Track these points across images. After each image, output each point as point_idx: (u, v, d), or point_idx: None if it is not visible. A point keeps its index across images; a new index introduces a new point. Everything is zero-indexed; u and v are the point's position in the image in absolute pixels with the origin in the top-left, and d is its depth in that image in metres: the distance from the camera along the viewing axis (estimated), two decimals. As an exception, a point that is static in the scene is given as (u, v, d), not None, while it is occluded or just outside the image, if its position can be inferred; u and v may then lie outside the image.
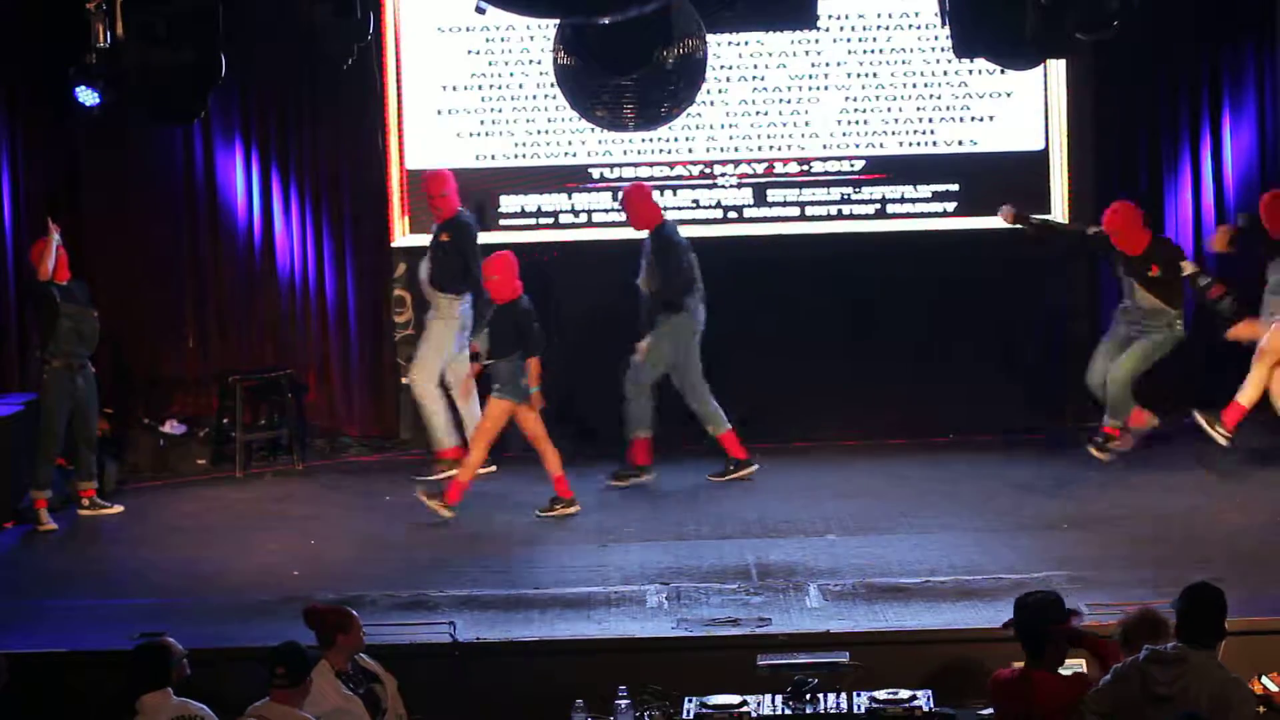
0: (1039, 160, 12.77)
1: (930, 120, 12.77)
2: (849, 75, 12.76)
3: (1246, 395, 11.31)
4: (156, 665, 7.05)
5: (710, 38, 8.17)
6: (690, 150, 12.82)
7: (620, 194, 12.18)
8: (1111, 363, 11.56)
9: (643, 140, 12.59)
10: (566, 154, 12.80)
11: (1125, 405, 11.57)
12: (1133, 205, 11.69)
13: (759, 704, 7.36)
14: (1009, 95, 12.73)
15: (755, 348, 12.71)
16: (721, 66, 12.48)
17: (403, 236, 12.90)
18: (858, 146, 12.80)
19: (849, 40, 12.74)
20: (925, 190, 12.81)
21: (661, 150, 12.78)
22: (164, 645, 7.13)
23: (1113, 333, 11.68)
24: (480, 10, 7.98)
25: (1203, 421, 11.35)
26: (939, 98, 12.76)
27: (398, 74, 12.77)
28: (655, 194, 12.75)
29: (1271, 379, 11.35)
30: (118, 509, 11.48)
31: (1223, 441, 11.28)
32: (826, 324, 12.68)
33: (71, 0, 9.15)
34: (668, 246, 11.77)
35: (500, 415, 11.07)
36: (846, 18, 12.70)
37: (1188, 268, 11.54)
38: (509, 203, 12.84)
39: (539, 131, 12.77)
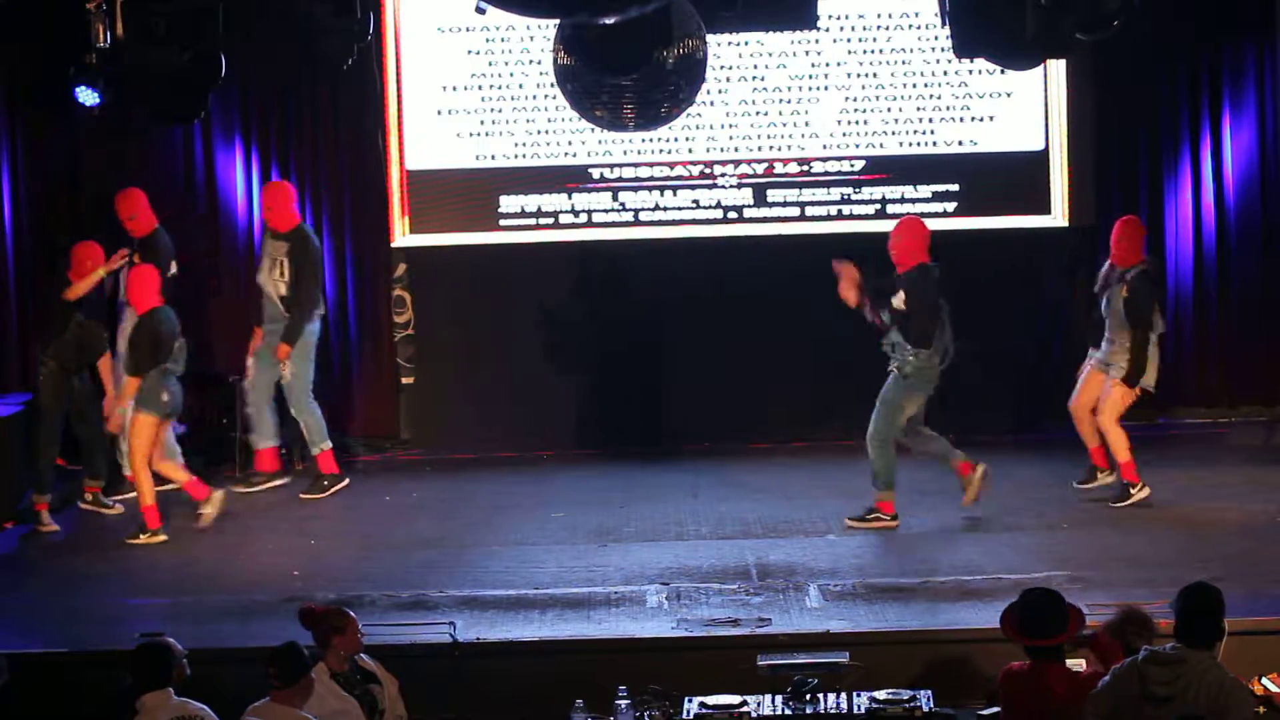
0: (1039, 160, 12.77)
1: (930, 120, 12.77)
2: (849, 75, 12.76)
3: (1119, 452, 10.88)
4: (156, 665, 7.05)
5: (710, 38, 8.16)
6: (690, 150, 12.82)
7: (264, 187, 12.18)
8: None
9: (643, 140, 12.59)
10: (566, 154, 12.79)
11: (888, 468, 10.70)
12: (915, 220, 11.15)
13: (759, 704, 7.36)
14: (1009, 95, 12.73)
15: (755, 348, 12.72)
16: (721, 66, 12.48)
17: (403, 236, 12.91)
18: (858, 146, 12.80)
19: (849, 40, 12.74)
20: (925, 190, 12.81)
21: (661, 150, 12.78)
22: (164, 645, 7.13)
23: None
24: (480, 10, 7.96)
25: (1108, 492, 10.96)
26: (939, 98, 12.76)
27: (398, 74, 12.77)
28: (655, 194, 12.81)
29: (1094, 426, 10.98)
30: (118, 509, 11.48)
31: (1142, 494, 10.82)
32: (827, 324, 12.66)
33: (71, 0, 9.15)
34: (309, 250, 11.76)
35: (145, 430, 10.82)
36: (846, 18, 12.70)
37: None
38: (509, 203, 12.84)
39: (539, 131, 12.77)
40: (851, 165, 12.81)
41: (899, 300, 10.58)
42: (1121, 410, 10.95)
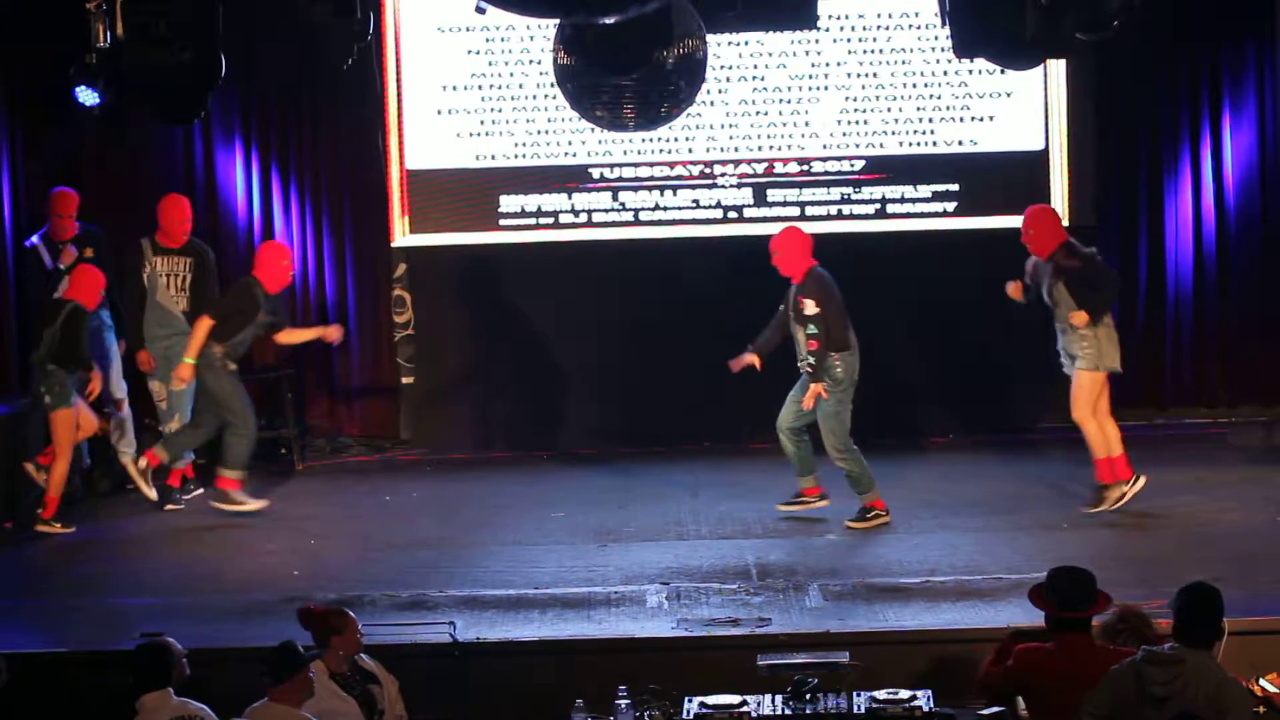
0: (1039, 160, 12.78)
1: (930, 120, 12.78)
2: (849, 75, 12.77)
3: (1108, 447, 10.64)
4: (156, 665, 7.04)
5: (710, 38, 8.17)
6: (690, 150, 12.82)
7: (164, 200, 11.78)
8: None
9: (643, 140, 12.60)
10: (566, 154, 12.80)
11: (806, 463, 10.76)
12: (796, 229, 11.00)
13: (759, 704, 7.35)
14: (1009, 95, 12.74)
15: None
16: (721, 66, 12.49)
17: (403, 236, 12.91)
18: (858, 146, 12.81)
19: (849, 40, 12.75)
20: (925, 190, 12.82)
21: (661, 150, 12.79)
22: (164, 645, 7.12)
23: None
24: (480, 10, 7.97)
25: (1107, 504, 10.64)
26: (939, 98, 12.77)
27: (398, 74, 12.78)
28: (655, 194, 12.81)
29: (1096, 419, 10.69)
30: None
31: (1131, 493, 10.60)
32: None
33: (71, 0, 9.15)
34: (208, 262, 11.77)
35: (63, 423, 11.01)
36: (846, 18, 12.71)
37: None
38: (509, 203, 12.85)
39: (539, 131, 12.78)
40: (851, 165, 12.81)
41: (812, 308, 10.49)
42: (1093, 398, 10.65)
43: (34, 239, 11.82)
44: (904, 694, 7.33)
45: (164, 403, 11.56)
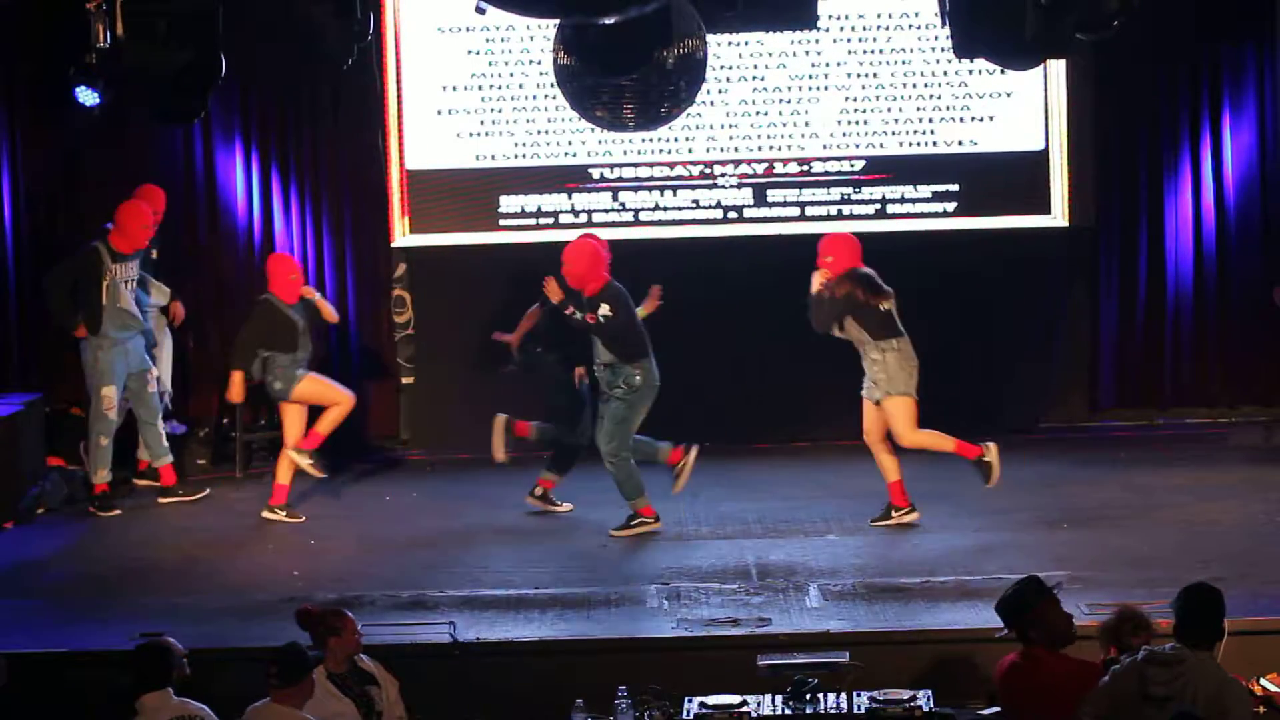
0: (1039, 160, 12.77)
1: (930, 120, 12.78)
2: (849, 75, 12.76)
3: (887, 471, 10.60)
4: (156, 665, 7.05)
5: (710, 38, 8.17)
6: (690, 150, 12.82)
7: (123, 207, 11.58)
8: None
9: (643, 140, 12.60)
10: (566, 154, 12.80)
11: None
12: (590, 241, 10.86)
13: (759, 704, 7.36)
14: (1009, 95, 12.74)
15: (755, 348, 12.72)
16: (721, 66, 12.48)
17: (403, 236, 12.91)
18: (858, 146, 12.80)
19: (849, 40, 12.75)
20: (925, 190, 12.82)
21: (661, 150, 12.78)
22: (164, 645, 7.13)
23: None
24: (480, 10, 7.96)
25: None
26: (939, 98, 12.76)
27: (398, 74, 12.77)
28: (655, 194, 12.81)
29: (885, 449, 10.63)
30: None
31: (908, 518, 10.58)
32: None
33: (71, 0, 9.15)
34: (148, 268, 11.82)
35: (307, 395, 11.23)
36: (846, 18, 12.71)
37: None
38: (509, 203, 12.85)
39: (539, 131, 12.77)
40: (851, 165, 12.81)
41: (605, 312, 10.44)
42: (912, 419, 10.56)
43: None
44: (904, 694, 7.34)
45: (111, 411, 11.46)
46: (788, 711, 7.32)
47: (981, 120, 12.77)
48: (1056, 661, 6.90)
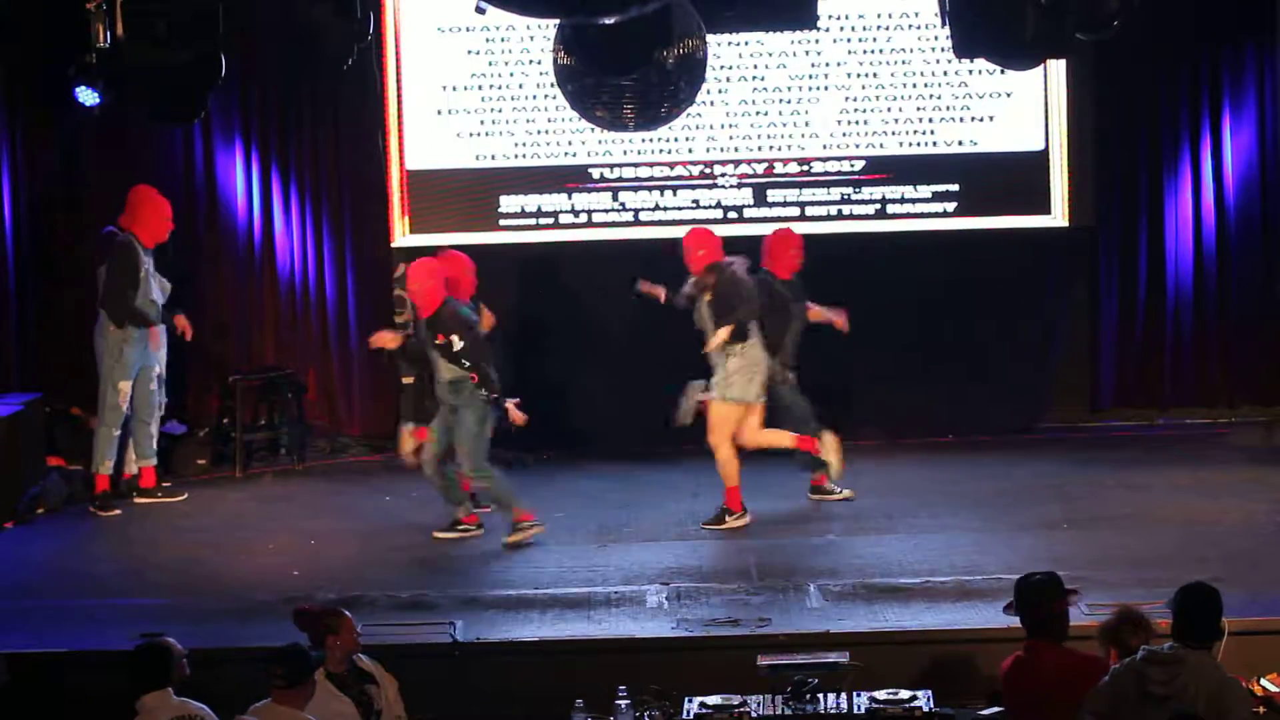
0: (1039, 160, 12.77)
1: (930, 120, 12.78)
2: (849, 75, 12.76)
3: (727, 475, 10.70)
4: (156, 665, 7.05)
5: (710, 38, 8.17)
6: (690, 150, 12.82)
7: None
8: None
9: (643, 140, 12.60)
10: (566, 154, 12.80)
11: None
12: (427, 262, 10.77)
13: (759, 704, 7.36)
14: (1009, 95, 12.74)
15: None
16: (721, 66, 12.48)
17: (403, 236, 12.91)
18: (858, 146, 12.80)
19: (849, 40, 12.75)
20: (925, 190, 12.82)
21: (661, 150, 12.78)
22: (164, 645, 7.12)
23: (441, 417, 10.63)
24: (480, 10, 7.96)
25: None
26: (939, 98, 12.76)
27: (398, 74, 12.77)
28: (655, 194, 12.81)
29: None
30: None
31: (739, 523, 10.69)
32: (826, 323, 12.67)
33: (71, 0, 9.15)
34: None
35: None
36: (846, 18, 12.71)
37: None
38: (509, 203, 12.85)
39: (539, 131, 12.77)
40: (851, 165, 12.81)
41: (457, 344, 10.38)
42: (728, 428, 10.68)
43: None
44: (904, 694, 7.34)
45: (125, 404, 11.46)
46: (788, 711, 7.33)
47: (981, 120, 12.77)
48: (1061, 656, 6.90)
